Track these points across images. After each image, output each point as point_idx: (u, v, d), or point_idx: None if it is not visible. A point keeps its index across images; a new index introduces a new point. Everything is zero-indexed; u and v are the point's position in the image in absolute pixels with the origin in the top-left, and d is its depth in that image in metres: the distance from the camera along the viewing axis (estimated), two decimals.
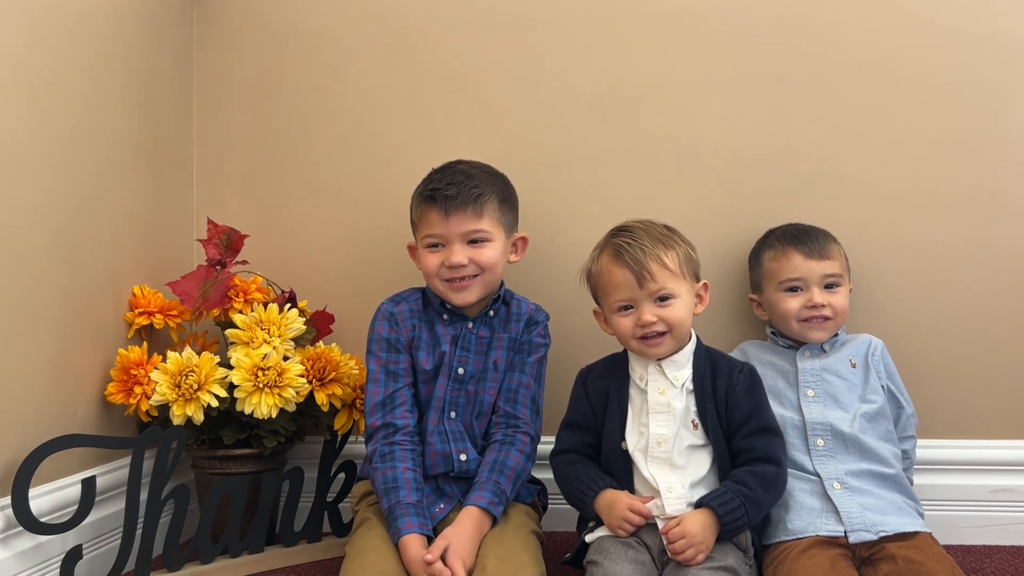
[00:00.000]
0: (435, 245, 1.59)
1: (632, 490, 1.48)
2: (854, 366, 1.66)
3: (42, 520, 1.41)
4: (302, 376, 1.67)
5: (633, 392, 1.53)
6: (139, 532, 1.50)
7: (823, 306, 1.65)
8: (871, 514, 1.48)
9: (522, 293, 1.71)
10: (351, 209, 1.94)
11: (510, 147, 1.87)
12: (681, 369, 1.52)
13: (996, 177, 1.77)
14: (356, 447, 1.79)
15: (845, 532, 1.46)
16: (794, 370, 1.66)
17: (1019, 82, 1.80)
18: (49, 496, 1.48)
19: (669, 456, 1.47)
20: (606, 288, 1.53)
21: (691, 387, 1.51)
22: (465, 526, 1.45)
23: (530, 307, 1.68)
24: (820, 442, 1.59)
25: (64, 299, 1.55)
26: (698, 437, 1.49)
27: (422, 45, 1.92)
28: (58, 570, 1.44)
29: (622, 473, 1.49)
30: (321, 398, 1.69)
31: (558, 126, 1.89)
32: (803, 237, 1.69)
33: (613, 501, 1.44)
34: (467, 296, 1.59)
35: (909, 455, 1.67)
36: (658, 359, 1.52)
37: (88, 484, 1.44)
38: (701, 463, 1.48)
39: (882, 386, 1.65)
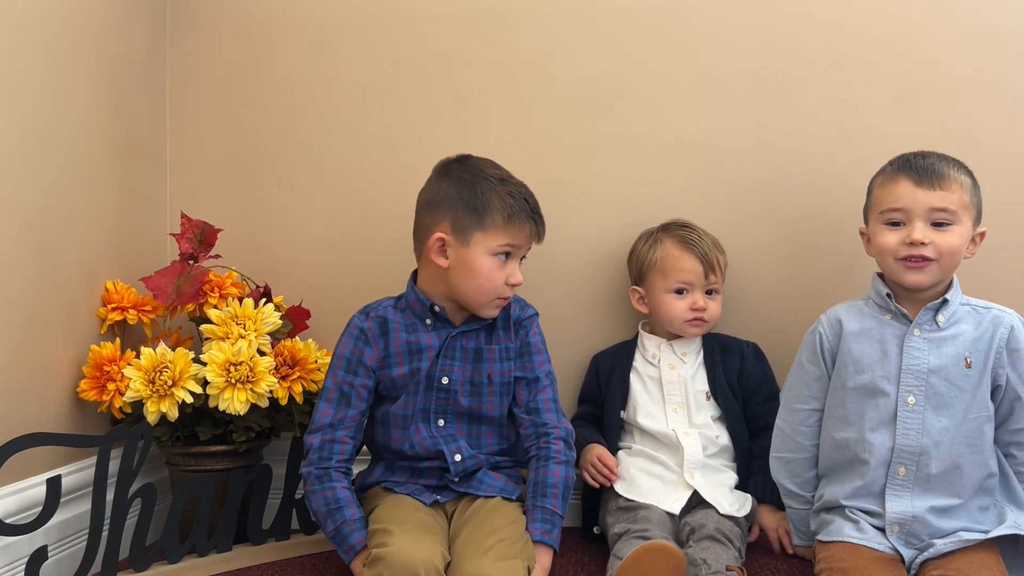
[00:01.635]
0: (506, 254, 1.55)
1: (615, 448, 1.71)
2: (969, 365, 1.47)
3: (7, 521, 1.40)
4: (271, 371, 1.65)
5: (642, 367, 1.75)
6: (106, 532, 1.49)
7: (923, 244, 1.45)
8: (933, 547, 1.41)
9: None
10: (326, 203, 1.92)
11: (487, 141, 1.82)
12: (690, 346, 1.75)
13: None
14: None
15: (903, 560, 1.44)
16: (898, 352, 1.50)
17: (993, 79, 1.79)
18: (17, 496, 1.47)
19: (686, 419, 1.69)
20: (669, 270, 1.71)
21: (702, 362, 1.73)
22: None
23: (512, 307, 1.63)
24: (902, 470, 1.47)
25: (35, 294, 1.54)
26: (712, 408, 1.71)
27: (399, 38, 1.90)
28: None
29: (617, 435, 1.73)
30: (282, 392, 1.67)
31: (536, 120, 1.88)
32: (917, 162, 1.49)
33: (588, 450, 1.69)
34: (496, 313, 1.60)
35: None
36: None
37: (53, 483, 1.42)
38: (717, 431, 1.69)
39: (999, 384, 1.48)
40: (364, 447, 1.63)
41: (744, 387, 1.73)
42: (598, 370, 1.81)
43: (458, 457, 1.55)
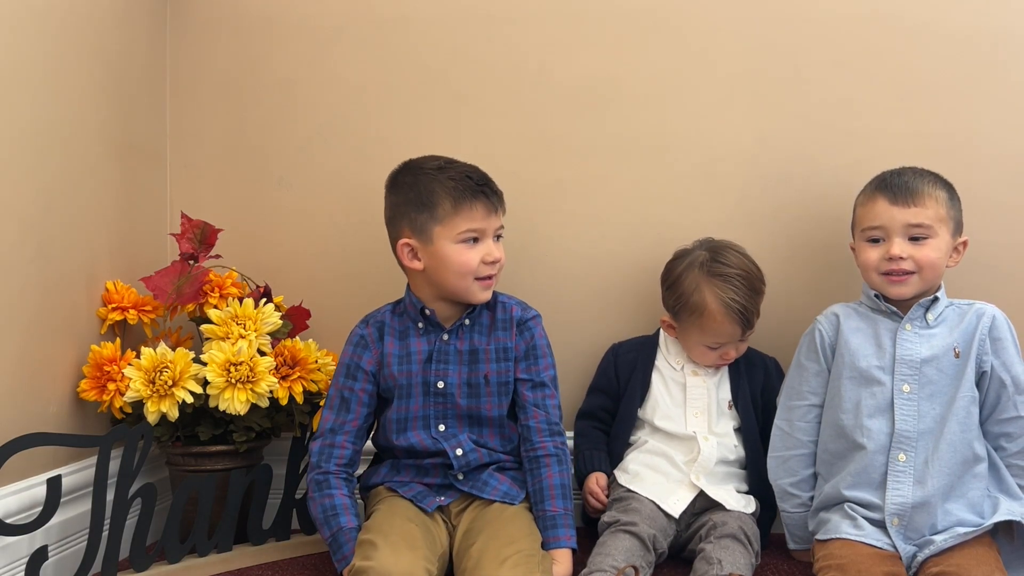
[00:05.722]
0: (475, 239, 1.56)
1: (625, 444, 1.73)
2: (958, 355, 1.53)
3: (7, 521, 1.40)
4: (271, 371, 1.65)
5: (665, 369, 1.74)
6: (106, 532, 1.49)
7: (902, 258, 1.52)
8: (933, 544, 1.44)
9: (496, 286, 1.67)
10: (327, 203, 1.92)
11: (487, 141, 1.85)
12: None
13: (969, 173, 1.73)
14: None
15: (901, 557, 1.45)
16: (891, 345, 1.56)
17: (992, 80, 1.79)
18: (17, 496, 1.47)
19: (707, 425, 1.68)
20: (708, 330, 1.67)
21: (726, 371, 1.73)
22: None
23: (514, 308, 1.64)
24: (902, 456, 1.51)
25: (35, 294, 1.54)
26: (732, 417, 1.70)
27: (399, 38, 1.90)
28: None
29: (629, 432, 1.73)
30: (282, 392, 1.67)
31: (535, 120, 1.88)
32: (892, 180, 1.56)
33: (590, 478, 1.70)
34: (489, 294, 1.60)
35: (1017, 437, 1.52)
36: None
37: (53, 483, 1.43)
38: (736, 440, 1.68)
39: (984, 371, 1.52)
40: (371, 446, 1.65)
41: (766, 402, 1.73)
42: (617, 362, 1.78)
43: (459, 451, 1.56)
